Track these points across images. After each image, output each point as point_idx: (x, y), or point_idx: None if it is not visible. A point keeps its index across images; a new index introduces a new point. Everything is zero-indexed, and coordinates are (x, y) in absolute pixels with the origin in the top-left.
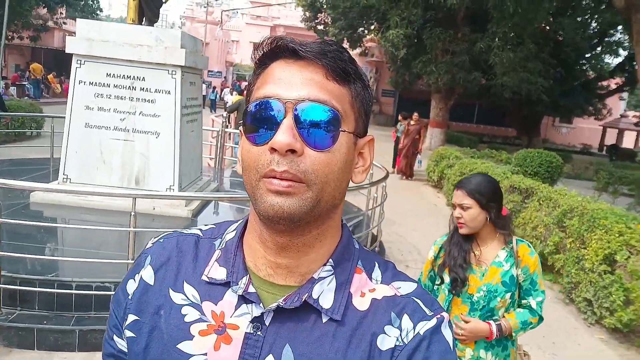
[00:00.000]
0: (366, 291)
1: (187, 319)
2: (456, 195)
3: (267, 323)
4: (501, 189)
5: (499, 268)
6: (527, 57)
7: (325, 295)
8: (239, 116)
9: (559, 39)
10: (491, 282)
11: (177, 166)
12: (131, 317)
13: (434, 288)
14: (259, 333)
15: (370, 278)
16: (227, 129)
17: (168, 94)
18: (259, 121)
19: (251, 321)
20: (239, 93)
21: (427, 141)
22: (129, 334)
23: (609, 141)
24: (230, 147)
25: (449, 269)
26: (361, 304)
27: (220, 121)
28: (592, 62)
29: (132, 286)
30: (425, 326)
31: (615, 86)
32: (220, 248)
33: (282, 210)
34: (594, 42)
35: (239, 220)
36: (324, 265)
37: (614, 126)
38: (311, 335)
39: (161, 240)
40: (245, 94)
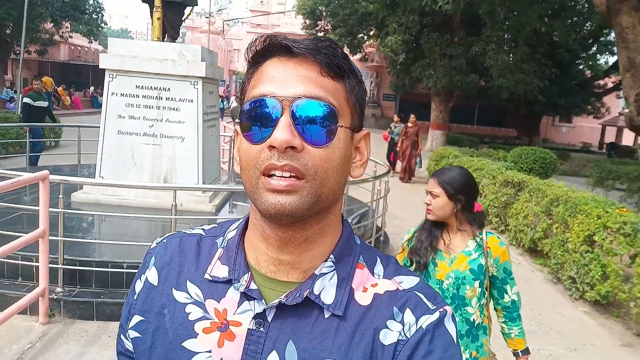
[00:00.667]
0: (368, 286)
1: (191, 317)
2: (430, 182)
3: (270, 319)
4: (477, 185)
5: (467, 256)
6: (522, 59)
7: (326, 290)
8: None
9: (554, 40)
10: (459, 269)
11: (200, 166)
12: (136, 318)
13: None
14: (262, 329)
15: (372, 273)
16: None
17: (191, 102)
18: (256, 119)
19: (253, 317)
20: None
21: (428, 143)
22: (134, 334)
23: (608, 139)
24: None
25: (413, 252)
26: (363, 299)
27: (231, 127)
28: (587, 62)
29: (138, 286)
30: (427, 320)
31: (612, 85)
32: (222, 246)
33: (283, 208)
34: (588, 42)
35: (240, 218)
36: (325, 261)
37: (612, 124)
38: (314, 330)
39: (164, 241)
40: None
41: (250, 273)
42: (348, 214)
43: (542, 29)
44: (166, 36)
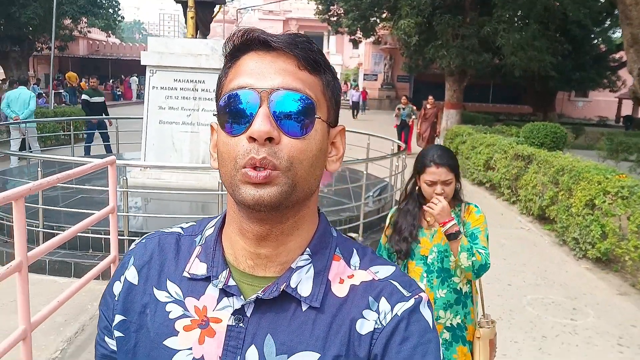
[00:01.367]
0: (345, 278)
1: (171, 316)
2: (437, 172)
3: (249, 314)
4: None
5: None
6: (534, 36)
7: (303, 283)
8: None
9: (566, 16)
10: (440, 243)
11: None
12: (118, 317)
13: (391, 257)
14: (241, 325)
15: (349, 264)
16: None
17: None
18: (235, 112)
19: (233, 314)
20: None
21: (444, 122)
22: (117, 334)
23: (625, 112)
24: None
25: (392, 241)
26: (340, 290)
27: None
28: (600, 37)
29: (117, 287)
30: (402, 307)
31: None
32: (200, 244)
33: (262, 199)
34: (600, 17)
35: (217, 216)
36: (302, 254)
37: (629, 97)
38: (292, 324)
39: (143, 241)
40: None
41: (228, 269)
42: (368, 188)
43: (554, 5)
44: (198, 33)
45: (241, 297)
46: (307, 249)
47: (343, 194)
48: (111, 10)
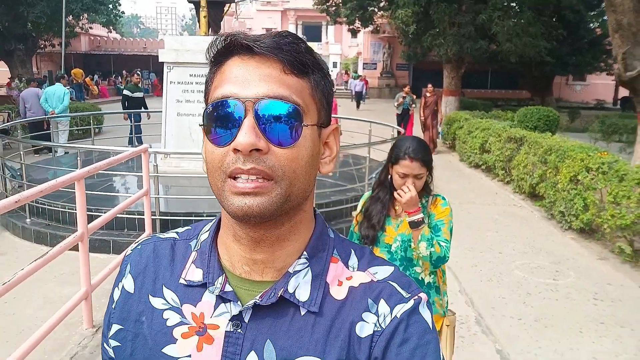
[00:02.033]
0: (343, 280)
1: (169, 323)
2: (412, 166)
3: (247, 320)
4: None
5: None
6: (529, 23)
7: (301, 288)
8: None
9: (560, 2)
10: (405, 232)
11: None
12: (115, 327)
13: (360, 239)
14: (239, 331)
15: (347, 266)
16: None
17: None
18: (220, 122)
19: (230, 320)
20: None
21: (443, 109)
22: (114, 343)
23: (622, 95)
24: None
25: (362, 227)
26: (338, 293)
27: None
28: (594, 21)
29: (116, 294)
30: (402, 309)
31: None
32: (196, 249)
33: (251, 210)
34: (595, 1)
35: (212, 220)
36: (299, 258)
37: None
38: (291, 328)
39: (139, 247)
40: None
41: (224, 275)
42: (370, 171)
43: None
44: (210, 30)
45: (238, 302)
46: (304, 252)
47: (348, 177)
48: (111, 6)
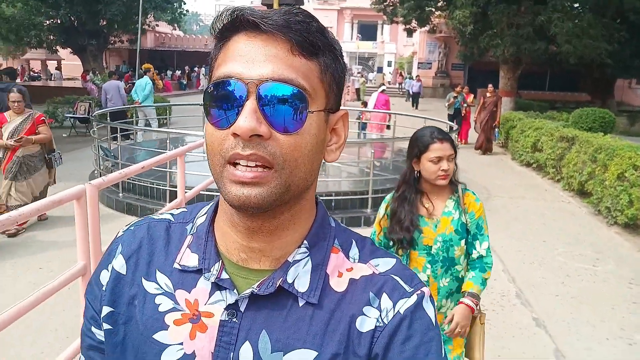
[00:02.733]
0: (343, 271)
1: (161, 309)
2: (442, 148)
3: (242, 309)
4: None
5: (449, 217)
6: (589, 24)
7: (300, 278)
8: None
9: (623, 3)
10: (445, 232)
11: None
12: (106, 309)
13: (389, 245)
14: (235, 320)
15: (348, 257)
16: None
17: None
18: (221, 103)
19: (226, 308)
20: None
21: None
22: (106, 326)
23: None
24: None
25: (392, 231)
26: (338, 284)
27: None
28: None
29: (105, 276)
30: (405, 304)
31: None
32: (191, 233)
33: (249, 200)
34: None
35: (210, 202)
36: (299, 247)
37: None
38: (288, 320)
39: (132, 228)
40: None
41: (221, 262)
42: None
43: None
44: None
45: (234, 291)
46: (305, 241)
47: (398, 167)
48: (176, 5)
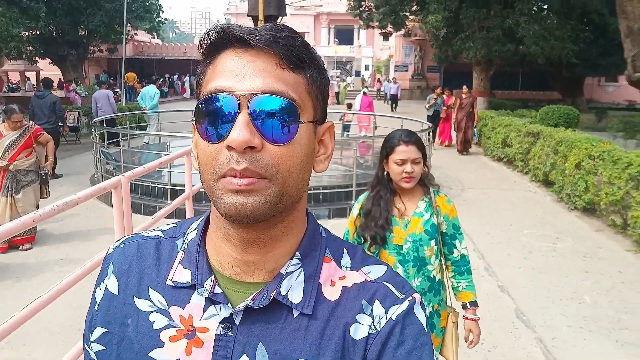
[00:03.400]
0: (336, 280)
1: (155, 326)
2: (407, 150)
3: (238, 323)
4: None
5: (420, 218)
6: (556, 27)
7: (294, 289)
8: None
9: (586, 6)
10: (415, 232)
11: None
12: (99, 330)
13: (361, 243)
14: (230, 333)
15: (340, 265)
16: None
17: None
18: (213, 117)
19: (221, 322)
20: None
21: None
22: (97, 347)
23: None
24: None
25: (366, 228)
26: (332, 293)
27: None
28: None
29: (99, 295)
30: (397, 310)
31: None
32: (182, 249)
33: (244, 209)
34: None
35: (200, 217)
36: (291, 259)
37: None
38: (283, 331)
39: (122, 246)
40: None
41: (213, 276)
42: None
43: None
44: None
45: (229, 305)
46: (297, 252)
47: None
48: (155, 14)
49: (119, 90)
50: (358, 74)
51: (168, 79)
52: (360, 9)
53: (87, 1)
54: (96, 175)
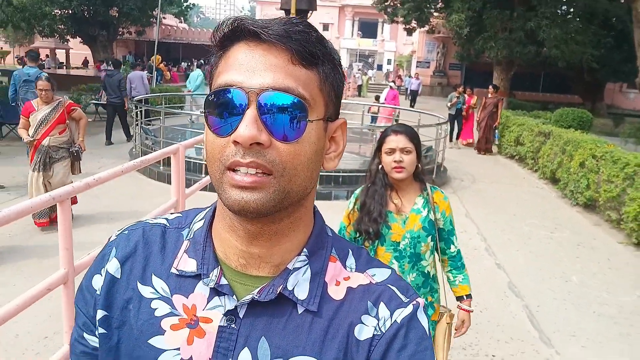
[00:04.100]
0: (341, 280)
1: (157, 313)
2: (396, 140)
3: (241, 316)
4: None
5: (417, 215)
6: (577, 31)
7: (300, 285)
8: None
9: (609, 12)
10: (413, 229)
11: None
12: (100, 313)
13: (356, 237)
14: (233, 326)
15: (345, 266)
16: None
17: None
18: (221, 111)
19: (224, 314)
20: None
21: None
22: (100, 330)
23: None
24: None
25: (361, 222)
26: (336, 293)
27: None
28: None
29: (98, 281)
30: (402, 314)
31: None
32: (188, 238)
33: (248, 205)
34: None
35: (206, 207)
36: (299, 255)
37: None
38: (287, 326)
39: (126, 232)
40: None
41: (219, 267)
42: None
43: (595, 2)
44: None
45: (234, 297)
46: (305, 249)
47: None
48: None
49: (148, 72)
50: (380, 67)
51: (194, 63)
52: (386, 3)
53: None
54: (134, 150)
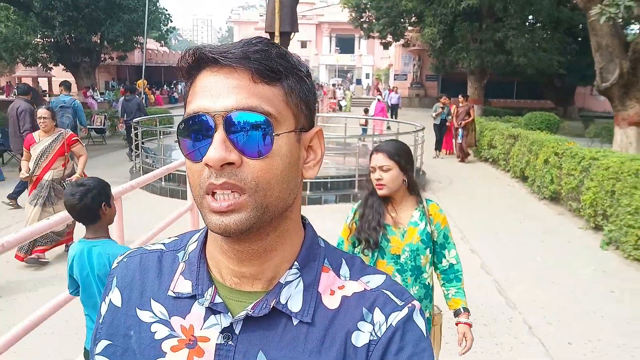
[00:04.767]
0: (335, 289)
1: (157, 337)
2: (375, 158)
3: (238, 332)
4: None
5: (415, 227)
6: (543, 39)
7: (293, 298)
8: None
9: (573, 19)
10: (412, 242)
11: None
12: (103, 343)
13: (354, 251)
14: (230, 343)
15: (338, 275)
16: None
17: None
18: (192, 137)
19: (221, 332)
20: None
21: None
22: (101, 359)
23: None
24: None
25: (361, 230)
26: (331, 302)
27: None
28: None
29: (103, 309)
30: (397, 317)
31: None
32: (184, 261)
33: (228, 227)
34: None
35: (200, 229)
36: (290, 268)
37: None
38: (283, 339)
39: (125, 260)
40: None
41: (214, 286)
42: None
43: (558, 13)
44: None
45: (229, 314)
46: (296, 262)
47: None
48: (162, 24)
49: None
50: (359, 82)
51: (174, 86)
52: (361, 19)
53: (107, 13)
54: (134, 169)
